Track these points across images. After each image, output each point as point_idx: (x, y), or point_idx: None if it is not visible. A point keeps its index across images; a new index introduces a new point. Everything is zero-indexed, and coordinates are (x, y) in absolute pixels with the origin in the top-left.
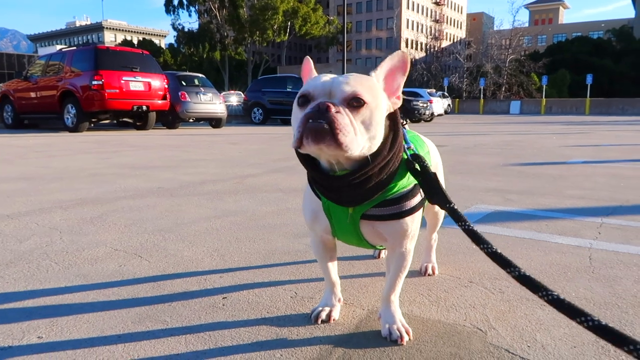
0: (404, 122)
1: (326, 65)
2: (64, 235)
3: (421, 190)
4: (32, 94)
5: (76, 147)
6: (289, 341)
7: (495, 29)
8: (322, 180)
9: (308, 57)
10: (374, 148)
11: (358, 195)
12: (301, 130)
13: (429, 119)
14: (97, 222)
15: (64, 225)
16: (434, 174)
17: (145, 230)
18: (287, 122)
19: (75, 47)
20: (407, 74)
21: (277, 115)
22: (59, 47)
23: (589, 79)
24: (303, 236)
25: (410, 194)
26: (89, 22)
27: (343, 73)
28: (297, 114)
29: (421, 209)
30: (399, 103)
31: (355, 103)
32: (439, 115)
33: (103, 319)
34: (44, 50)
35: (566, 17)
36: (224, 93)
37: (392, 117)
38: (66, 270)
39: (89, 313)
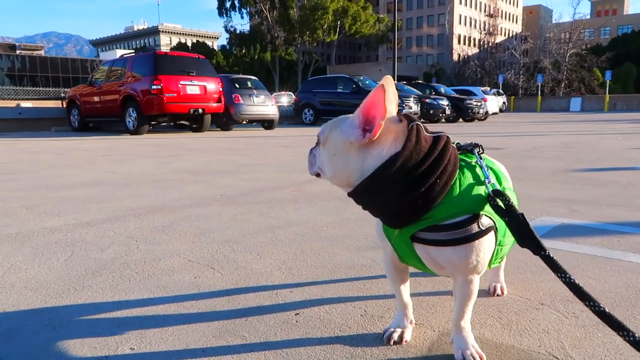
0: (480, 150)
1: (375, 64)
2: (139, 244)
3: (487, 220)
4: (96, 99)
5: (138, 151)
6: None
7: (553, 22)
8: None
9: (386, 80)
10: (342, 176)
11: (389, 215)
12: None
13: (483, 118)
14: (168, 231)
15: (139, 234)
16: (522, 214)
17: (214, 241)
18: None
19: (135, 53)
20: (382, 102)
21: (327, 116)
22: (119, 51)
23: None
24: (366, 249)
25: (466, 222)
26: (146, 26)
27: (394, 71)
28: None
29: (485, 240)
30: (373, 138)
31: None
32: (494, 113)
33: (186, 331)
34: (104, 54)
35: (632, 7)
36: (275, 94)
37: (404, 140)
38: (146, 280)
39: (173, 326)
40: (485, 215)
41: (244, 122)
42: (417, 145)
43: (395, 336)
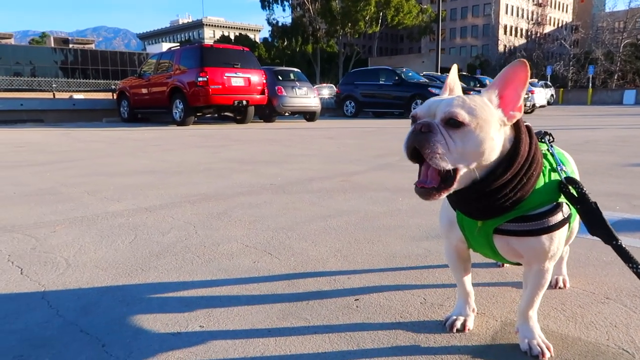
0: (551, 139)
1: (418, 56)
2: (197, 229)
3: (567, 209)
4: (145, 90)
5: (186, 141)
6: (427, 348)
7: (607, 10)
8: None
9: (454, 66)
10: (485, 163)
11: (484, 208)
12: (404, 148)
13: (529, 111)
14: (224, 217)
15: (196, 220)
16: (595, 203)
17: (268, 228)
18: (378, 115)
19: (180, 46)
20: (526, 83)
21: (369, 108)
22: (165, 44)
23: None
24: (420, 239)
25: (551, 211)
26: (190, 20)
27: (436, 63)
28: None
29: (564, 228)
30: (519, 115)
31: (453, 123)
32: (541, 106)
33: (251, 312)
34: (151, 48)
35: None
36: (316, 86)
37: (515, 132)
38: (208, 263)
39: (238, 306)
40: (565, 204)
41: (286, 114)
42: (526, 130)
43: (458, 324)
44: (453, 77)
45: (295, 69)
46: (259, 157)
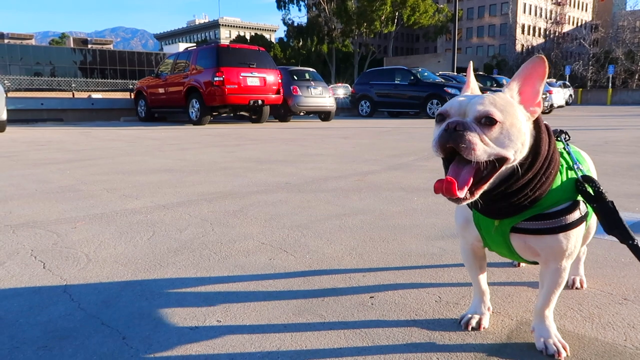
0: (567, 137)
1: (434, 55)
2: (214, 226)
3: (583, 207)
4: (162, 90)
5: (203, 140)
6: (443, 346)
7: (628, 9)
8: None
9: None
10: (519, 157)
11: (503, 208)
12: (435, 145)
13: (547, 111)
14: (240, 215)
15: (212, 218)
16: (612, 202)
17: (284, 226)
18: (394, 115)
19: (196, 46)
20: (545, 79)
21: (384, 108)
22: (182, 45)
23: None
24: (435, 239)
25: (568, 209)
26: (207, 20)
27: (453, 63)
28: (435, 130)
29: (582, 226)
30: (539, 111)
31: (486, 122)
32: (559, 106)
33: (267, 308)
34: (168, 48)
35: None
36: (331, 86)
37: (535, 130)
38: (225, 260)
39: (254, 302)
40: (582, 202)
41: (302, 114)
42: (545, 129)
43: (474, 322)
44: (472, 76)
45: (311, 69)
46: (274, 156)
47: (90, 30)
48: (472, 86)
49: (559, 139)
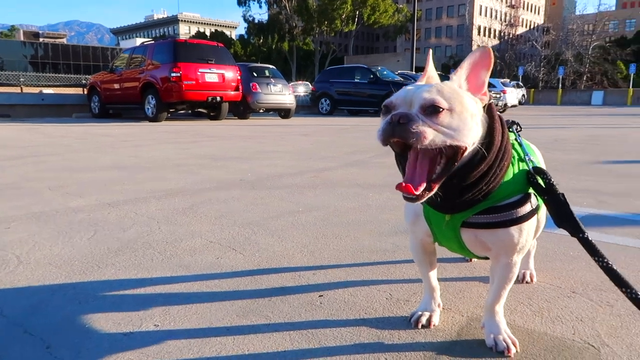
0: (518, 128)
1: (394, 55)
2: (161, 225)
3: (534, 200)
4: (117, 86)
5: (158, 137)
6: (391, 345)
7: (577, 13)
8: None
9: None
10: (472, 142)
11: (454, 202)
12: (379, 137)
13: (501, 110)
14: (189, 213)
15: (160, 216)
16: (563, 194)
17: (235, 223)
18: (354, 113)
19: (155, 41)
20: (490, 69)
21: (344, 106)
22: (139, 40)
23: None
24: (388, 235)
25: (520, 202)
26: (165, 15)
27: (411, 62)
28: (380, 122)
29: (533, 219)
30: (486, 100)
31: (433, 110)
32: (513, 106)
33: (210, 310)
34: (125, 43)
35: None
36: (292, 83)
37: (489, 119)
38: (169, 260)
39: (196, 304)
40: (533, 195)
41: (261, 111)
42: (499, 119)
43: (424, 320)
44: (431, 65)
45: (270, 66)
46: (230, 153)
47: (42, 24)
48: (431, 74)
49: (510, 129)
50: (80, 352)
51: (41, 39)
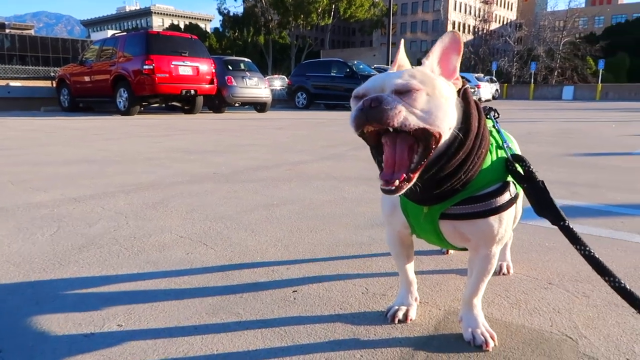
0: (496, 115)
1: (370, 49)
2: (129, 220)
3: (513, 188)
4: (87, 78)
5: (129, 131)
6: (367, 341)
7: (548, 10)
8: None
9: (402, 40)
10: (447, 127)
11: (432, 193)
12: (352, 123)
13: None
14: (159, 207)
15: (129, 210)
16: (542, 182)
17: (207, 217)
18: (330, 107)
19: (127, 33)
20: (461, 53)
21: (320, 100)
22: (110, 32)
23: None
24: (364, 228)
25: (499, 190)
26: (138, 7)
27: (387, 57)
28: (352, 109)
29: (512, 209)
30: (459, 84)
31: (405, 92)
32: (487, 100)
33: (178, 308)
34: (96, 35)
35: None
36: (268, 77)
37: (465, 105)
38: (136, 256)
39: (164, 301)
40: (512, 183)
41: (237, 105)
42: (475, 105)
43: (400, 314)
44: (403, 54)
45: (246, 59)
46: (204, 146)
47: (8, 14)
48: (401, 63)
49: (488, 116)
50: (35, 357)
51: (7, 30)
